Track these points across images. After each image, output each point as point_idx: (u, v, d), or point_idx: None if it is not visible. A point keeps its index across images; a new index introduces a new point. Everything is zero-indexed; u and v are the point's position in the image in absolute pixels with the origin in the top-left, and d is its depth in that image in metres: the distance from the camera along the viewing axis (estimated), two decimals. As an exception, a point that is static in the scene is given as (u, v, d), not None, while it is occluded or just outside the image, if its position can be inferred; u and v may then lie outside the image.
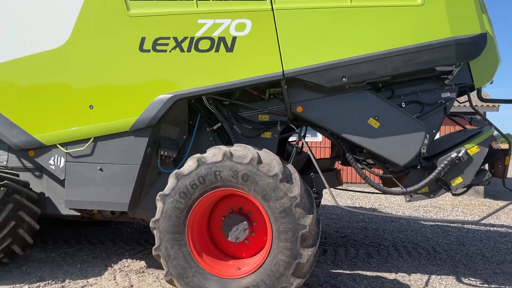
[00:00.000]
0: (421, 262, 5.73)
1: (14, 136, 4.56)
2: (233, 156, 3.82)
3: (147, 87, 4.35)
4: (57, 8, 4.49)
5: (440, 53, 4.02)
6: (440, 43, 4.01)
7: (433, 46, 4.03)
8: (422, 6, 4.06)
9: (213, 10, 4.30)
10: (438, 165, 4.35)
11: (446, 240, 7.02)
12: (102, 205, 4.53)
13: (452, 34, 4.01)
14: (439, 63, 4.07)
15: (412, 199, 4.64)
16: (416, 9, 4.07)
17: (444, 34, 4.02)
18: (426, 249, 6.35)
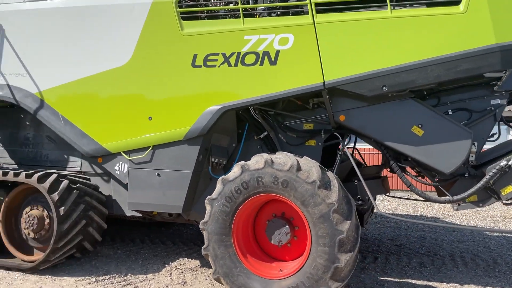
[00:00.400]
0: (478, 273, 5.54)
1: (85, 144, 5.17)
2: (274, 164, 4.06)
3: (198, 100, 4.73)
4: (121, 31, 5.03)
5: (484, 60, 3.97)
6: (484, 50, 3.96)
7: (477, 53, 3.98)
8: (465, 13, 4.03)
9: (258, 26, 4.59)
10: (486, 173, 4.28)
11: (511, 252, 6.67)
12: (159, 207, 4.99)
13: (496, 40, 3.94)
14: (483, 70, 4.01)
15: (460, 207, 4.56)
16: (459, 17, 4.05)
17: (488, 41, 3.96)
18: (486, 261, 6.11)
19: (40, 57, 5.37)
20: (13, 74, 5.43)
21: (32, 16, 5.42)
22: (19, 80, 5.41)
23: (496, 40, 3.95)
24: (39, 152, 5.84)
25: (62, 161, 5.68)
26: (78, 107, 5.23)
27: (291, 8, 4.59)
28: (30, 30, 5.42)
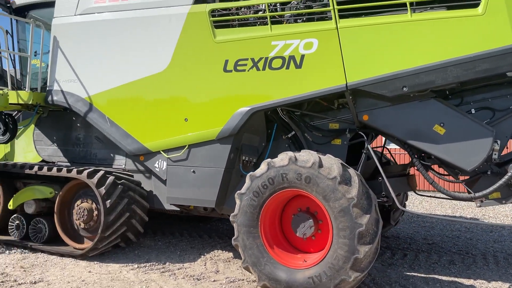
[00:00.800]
0: (508, 271, 5.55)
1: (129, 144, 5.68)
2: (298, 161, 4.35)
3: (229, 102, 5.10)
4: (161, 40, 5.48)
5: (503, 60, 4.07)
6: (503, 50, 4.06)
7: (496, 53, 4.08)
8: (483, 15, 4.14)
9: (284, 32, 4.89)
10: (508, 170, 4.35)
11: (548, 252, 6.57)
12: (194, 202, 5.40)
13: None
14: (502, 70, 4.10)
15: (483, 204, 4.64)
16: (477, 19, 4.17)
17: (506, 41, 4.06)
18: None
19: (89, 65, 5.95)
20: (66, 81, 6.05)
21: (81, 28, 6.00)
22: (71, 86, 6.02)
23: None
24: (88, 151, 6.43)
25: (109, 159, 6.23)
26: (122, 110, 5.75)
27: (316, 14, 4.85)
28: (80, 41, 6.01)
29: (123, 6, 5.72)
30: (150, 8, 5.57)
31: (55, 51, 6.17)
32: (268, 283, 4.47)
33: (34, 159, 6.79)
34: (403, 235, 7.56)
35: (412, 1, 4.40)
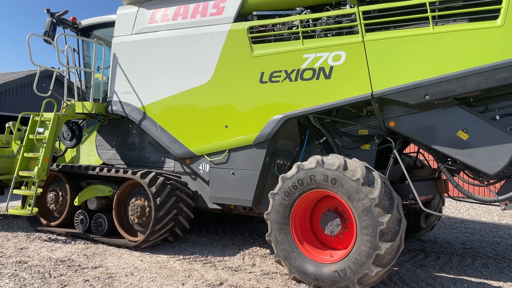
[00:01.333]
0: (542, 276, 5.58)
1: (177, 148, 6.33)
2: (324, 164, 4.75)
3: (264, 110, 5.60)
4: (204, 55, 6.09)
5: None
6: (522, 59, 4.25)
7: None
8: (502, 27, 4.35)
9: (315, 46, 5.32)
10: (526, 174, 4.49)
11: None
12: (233, 201, 5.93)
13: (534, 50, 4.21)
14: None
15: (508, 207, 4.79)
16: (496, 30, 4.39)
17: (525, 51, 4.24)
18: (557, 266, 6.05)
19: (143, 78, 6.69)
20: (123, 93, 6.83)
21: (137, 46, 6.76)
22: (127, 97, 6.79)
23: (534, 50, 4.22)
24: (142, 155, 7.17)
25: (160, 162, 6.93)
26: (171, 118, 6.41)
27: (344, 28, 5.25)
28: (135, 57, 6.78)
29: (172, 26, 6.41)
30: (196, 26, 6.21)
31: (114, 66, 6.98)
32: (298, 275, 4.89)
33: (96, 162, 7.65)
34: (441, 240, 7.66)
35: (434, 15, 4.69)
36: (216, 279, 4.93)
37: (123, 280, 4.79)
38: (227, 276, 5.08)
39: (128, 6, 7.05)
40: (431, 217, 6.99)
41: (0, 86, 14.72)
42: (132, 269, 5.24)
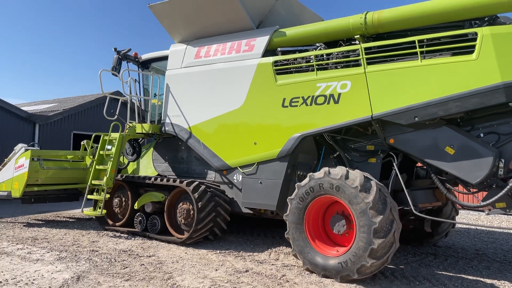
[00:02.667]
0: (538, 278, 6.17)
1: (216, 161, 7.61)
2: (330, 174, 5.80)
3: (286, 130, 6.73)
4: (238, 84, 7.35)
5: (491, 95, 5.10)
6: (492, 87, 5.10)
7: (486, 90, 5.14)
8: (477, 60, 5.23)
9: (326, 76, 6.42)
10: (509, 184, 5.25)
11: None
12: (261, 206, 7.08)
13: (502, 79, 5.05)
14: (491, 102, 5.13)
15: (491, 212, 5.57)
16: (472, 63, 5.27)
17: (495, 80, 5.09)
18: (559, 271, 6.57)
19: (189, 103, 8.08)
20: (174, 116, 8.25)
21: (185, 77, 8.18)
22: (177, 119, 8.20)
23: (502, 79, 5.06)
24: (189, 167, 8.53)
25: (204, 173, 8.24)
26: (211, 136, 7.72)
27: (351, 61, 6.30)
28: (184, 86, 8.19)
29: (212, 60, 7.77)
30: (232, 61, 7.52)
31: (167, 94, 8.45)
32: (310, 266, 5.93)
33: (152, 173, 9.12)
34: (457, 246, 8.30)
35: (421, 50, 5.65)
36: (243, 268, 6.09)
37: (170, 266, 6.08)
38: (252, 266, 6.21)
39: (178, 44, 8.53)
40: (443, 225, 7.72)
41: (75, 108, 17.05)
42: (178, 258, 6.53)
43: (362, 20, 6.28)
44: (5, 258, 6.23)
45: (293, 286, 5.37)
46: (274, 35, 7.23)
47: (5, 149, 14.25)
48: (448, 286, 5.61)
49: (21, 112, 15.76)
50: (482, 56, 5.21)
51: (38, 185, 9.16)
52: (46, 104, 21.29)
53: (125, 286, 5.10)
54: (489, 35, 5.20)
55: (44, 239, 7.71)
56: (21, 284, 5.04)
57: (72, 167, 9.71)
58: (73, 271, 5.62)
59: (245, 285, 5.31)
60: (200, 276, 5.62)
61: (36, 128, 16.04)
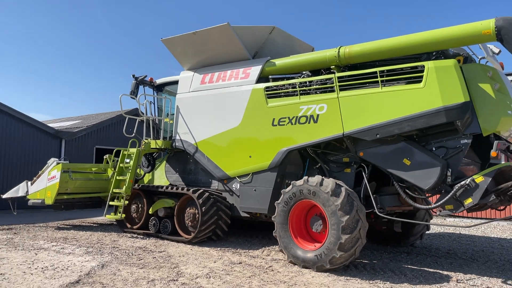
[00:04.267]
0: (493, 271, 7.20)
1: (217, 172, 8.90)
2: (309, 182, 7.01)
3: (275, 145, 7.97)
4: (236, 106, 8.66)
5: (435, 116, 6.26)
6: (435, 110, 6.26)
7: (431, 112, 6.30)
8: (424, 88, 6.41)
9: (308, 100, 7.66)
10: (453, 189, 6.37)
11: None
12: (255, 210, 8.32)
13: (443, 104, 6.22)
14: (434, 122, 6.28)
15: (441, 213, 6.68)
16: (420, 90, 6.45)
17: (438, 105, 6.25)
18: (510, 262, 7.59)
19: (196, 122, 9.42)
20: (183, 133, 9.61)
21: (192, 100, 9.54)
22: (185, 136, 9.55)
23: (443, 103, 6.22)
24: (196, 177, 9.83)
25: (208, 183, 9.52)
26: (214, 150, 9.02)
27: (327, 88, 7.53)
28: (191, 108, 9.55)
29: (215, 86, 9.12)
30: (230, 86, 8.85)
31: (177, 114, 9.81)
32: (292, 259, 7.11)
33: (165, 183, 10.45)
34: (433, 247, 9.35)
35: (382, 79, 6.86)
36: (237, 261, 7.31)
37: (177, 258, 7.34)
38: (246, 259, 7.43)
39: (187, 71, 9.93)
40: (417, 227, 8.81)
41: (97, 125, 18.66)
42: (184, 253, 7.79)
43: (336, 53, 7.54)
44: (44, 252, 7.60)
45: (276, 274, 6.56)
46: (266, 65, 8.54)
47: (35, 162, 15.94)
48: (408, 276, 6.70)
49: (49, 129, 17.39)
50: (428, 85, 6.39)
51: (67, 193, 10.60)
52: (70, 121, 23.03)
53: (140, 272, 6.37)
54: (433, 67, 6.39)
55: (73, 239, 9.09)
56: (58, 269, 6.37)
57: (96, 178, 11.14)
58: (98, 261, 6.93)
59: (237, 272, 6.53)
60: (201, 266, 6.87)
61: (63, 143, 17.63)
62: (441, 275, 6.84)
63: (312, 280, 6.23)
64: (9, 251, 7.60)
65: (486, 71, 6.50)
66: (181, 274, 6.32)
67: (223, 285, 5.80)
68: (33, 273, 6.15)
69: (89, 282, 5.72)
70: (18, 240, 8.79)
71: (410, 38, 6.87)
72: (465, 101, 6.14)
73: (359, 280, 6.32)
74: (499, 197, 6.37)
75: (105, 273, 6.24)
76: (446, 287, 6.12)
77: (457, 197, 6.34)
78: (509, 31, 6.02)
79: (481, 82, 6.38)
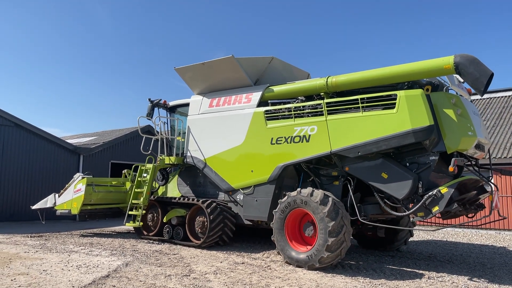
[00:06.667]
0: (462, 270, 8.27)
1: (224, 185, 10.12)
2: (301, 193, 8.20)
3: (273, 161, 9.19)
4: (240, 127, 9.91)
5: (405, 137, 7.45)
6: (405, 131, 7.45)
7: (402, 134, 7.48)
8: (397, 113, 7.61)
9: (301, 122, 8.88)
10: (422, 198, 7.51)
11: None
12: (256, 218, 9.51)
13: (411, 126, 7.40)
14: (405, 142, 7.46)
15: (414, 219, 7.82)
16: (393, 115, 7.64)
17: (407, 127, 7.43)
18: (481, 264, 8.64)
19: (204, 141, 10.69)
20: (193, 150, 10.87)
21: (201, 121, 10.82)
22: (195, 153, 10.81)
23: (411, 126, 7.40)
24: (206, 190, 11.05)
25: (215, 194, 10.73)
26: (221, 165, 10.26)
27: (318, 112, 8.75)
28: (200, 128, 10.83)
29: (221, 109, 10.41)
30: (235, 110, 10.12)
31: (188, 133, 11.10)
32: (288, 260, 8.28)
33: (177, 194, 11.68)
34: (417, 251, 10.42)
35: (363, 106, 8.06)
36: (241, 261, 8.49)
37: (188, 259, 8.54)
38: (248, 260, 8.61)
39: (196, 96, 11.25)
40: (401, 233, 9.93)
41: (112, 141, 20.07)
42: (195, 255, 8.99)
43: (324, 82, 8.79)
44: (75, 254, 8.85)
45: (273, 271, 7.73)
46: (266, 91, 9.81)
47: (56, 176, 17.34)
48: (387, 274, 7.81)
49: (69, 145, 18.77)
50: (400, 111, 7.58)
51: (91, 204, 11.89)
52: (87, 137, 24.49)
53: (158, 269, 7.57)
54: (404, 96, 7.59)
55: (98, 244, 10.35)
56: (90, 267, 7.60)
57: (116, 190, 12.43)
58: (123, 261, 8.16)
59: (240, 270, 7.70)
60: (209, 265, 8.06)
61: (81, 158, 18.99)
62: (416, 274, 7.93)
63: (303, 276, 7.38)
64: (45, 253, 8.87)
65: (450, 98, 7.68)
66: (193, 271, 7.51)
67: (228, 279, 6.97)
68: (70, 269, 7.39)
69: (117, 277, 6.93)
70: (50, 245, 10.06)
71: (386, 71, 8.10)
72: (430, 125, 7.32)
73: (343, 277, 7.45)
74: (465, 206, 7.50)
75: (129, 270, 7.46)
76: (417, 282, 7.21)
77: (427, 205, 7.47)
78: (465, 66, 7.21)
79: (446, 108, 7.56)
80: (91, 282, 6.45)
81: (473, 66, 7.15)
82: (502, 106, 20.92)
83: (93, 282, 6.48)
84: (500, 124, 18.86)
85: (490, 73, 7.16)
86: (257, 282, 6.78)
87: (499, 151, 16.25)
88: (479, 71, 7.12)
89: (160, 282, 6.57)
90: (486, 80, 7.12)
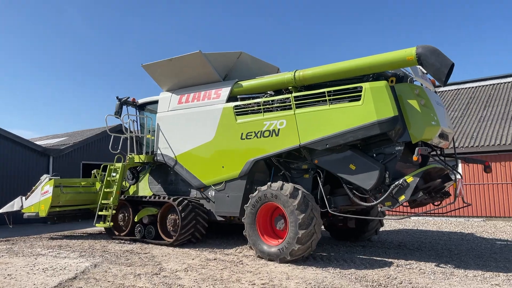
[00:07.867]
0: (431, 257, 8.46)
1: (195, 182, 10.05)
2: (272, 187, 8.21)
3: (243, 156, 9.17)
4: (210, 123, 9.85)
5: (371, 128, 7.55)
6: (371, 123, 7.55)
7: (368, 125, 7.58)
8: (362, 105, 7.70)
9: (270, 116, 8.89)
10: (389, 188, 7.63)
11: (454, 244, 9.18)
12: (228, 213, 9.48)
13: (377, 118, 7.50)
14: (371, 133, 7.56)
15: (382, 209, 7.94)
16: (359, 107, 7.74)
17: (372, 119, 7.54)
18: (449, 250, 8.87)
19: (174, 138, 10.58)
20: (163, 148, 10.75)
21: (170, 118, 10.71)
22: (166, 150, 10.69)
23: (377, 117, 7.50)
24: (177, 187, 10.95)
25: (187, 192, 10.64)
26: (192, 162, 10.18)
27: (286, 106, 8.78)
28: (170, 125, 10.71)
29: (190, 105, 10.32)
30: (204, 106, 10.05)
31: (158, 131, 10.96)
32: (260, 254, 8.29)
33: (148, 193, 11.53)
34: (388, 240, 10.62)
35: (330, 99, 8.13)
36: (213, 257, 8.45)
37: (160, 258, 8.45)
38: (220, 256, 8.58)
39: (165, 92, 11.11)
40: (371, 223, 10.09)
41: (83, 142, 19.66)
42: (166, 254, 8.90)
43: (292, 76, 8.81)
44: (42, 257, 8.63)
45: (245, 266, 7.72)
46: (234, 86, 9.77)
47: (25, 179, 16.83)
48: (357, 264, 7.92)
49: (37, 146, 18.26)
50: (365, 102, 7.68)
51: (59, 206, 11.61)
52: (57, 138, 23.90)
53: (127, 269, 7.46)
54: (368, 88, 7.69)
55: (67, 246, 10.12)
56: (57, 269, 7.43)
57: (85, 191, 12.18)
58: (91, 262, 8.00)
59: (211, 266, 7.67)
60: (180, 262, 8.00)
61: (50, 160, 18.51)
62: (385, 262, 8.06)
63: (274, 270, 7.40)
64: (11, 257, 8.62)
65: (414, 89, 7.82)
66: (163, 269, 7.43)
67: (199, 276, 6.92)
68: (35, 273, 7.20)
69: (84, 278, 6.79)
70: (17, 249, 9.79)
71: (351, 63, 8.17)
72: (394, 115, 7.43)
73: (314, 268, 7.51)
74: (430, 194, 7.67)
75: (98, 271, 7.32)
76: (386, 270, 7.34)
77: (393, 195, 7.60)
78: (426, 56, 7.35)
79: (410, 99, 7.70)
80: (57, 285, 6.29)
81: (434, 57, 7.29)
82: (469, 97, 21.51)
83: (59, 284, 6.33)
84: (467, 114, 19.39)
85: (451, 63, 7.32)
86: (228, 277, 6.77)
87: (466, 141, 16.71)
88: (440, 62, 7.27)
89: (129, 282, 6.48)
90: (447, 70, 7.28)
